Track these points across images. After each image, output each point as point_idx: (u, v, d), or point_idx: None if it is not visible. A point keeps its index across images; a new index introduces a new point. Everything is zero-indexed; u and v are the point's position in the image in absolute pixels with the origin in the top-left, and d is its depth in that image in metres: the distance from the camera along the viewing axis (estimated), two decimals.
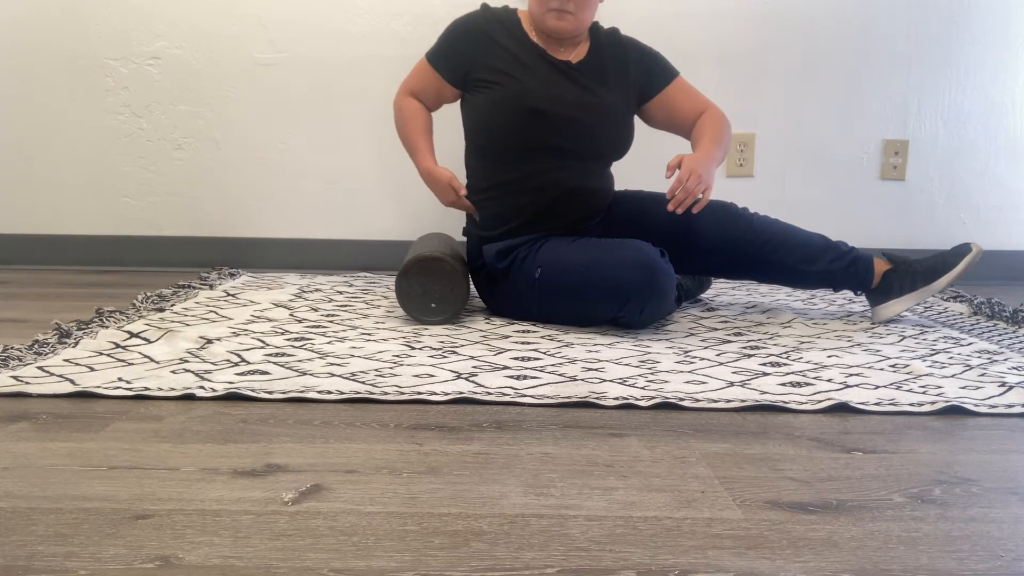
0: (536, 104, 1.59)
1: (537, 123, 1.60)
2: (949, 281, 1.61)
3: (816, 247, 1.66)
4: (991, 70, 2.37)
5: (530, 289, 1.61)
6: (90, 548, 0.69)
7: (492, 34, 1.65)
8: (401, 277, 1.60)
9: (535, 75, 1.62)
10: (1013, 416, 1.11)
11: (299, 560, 0.68)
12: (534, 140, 1.61)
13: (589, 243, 1.61)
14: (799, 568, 0.68)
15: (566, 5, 1.57)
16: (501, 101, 1.62)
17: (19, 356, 1.29)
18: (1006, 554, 0.72)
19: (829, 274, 1.66)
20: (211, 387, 1.15)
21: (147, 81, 2.35)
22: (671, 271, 1.53)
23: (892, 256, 1.69)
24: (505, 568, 0.67)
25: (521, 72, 1.62)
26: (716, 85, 2.36)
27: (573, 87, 1.63)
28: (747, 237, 1.64)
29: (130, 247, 2.42)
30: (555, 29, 1.61)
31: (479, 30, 1.66)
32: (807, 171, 2.41)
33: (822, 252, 1.66)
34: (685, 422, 1.06)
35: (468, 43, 1.66)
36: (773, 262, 1.66)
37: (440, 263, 1.59)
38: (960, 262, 1.61)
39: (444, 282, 1.60)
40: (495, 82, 1.63)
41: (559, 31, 1.61)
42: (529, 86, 1.61)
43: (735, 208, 1.69)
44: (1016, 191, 2.44)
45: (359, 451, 0.94)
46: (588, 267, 1.54)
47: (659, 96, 1.73)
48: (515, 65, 1.63)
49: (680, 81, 1.74)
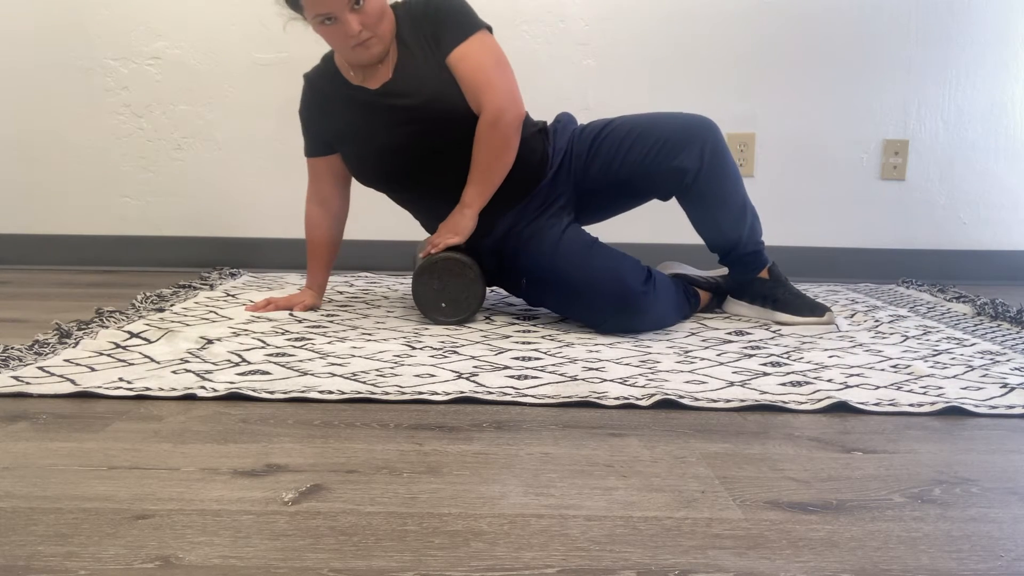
0: (380, 165, 1.61)
1: (395, 169, 1.61)
2: (787, 322, 1.67)
3: (747, 216, 1.68)
4: (991, 70, 2.37)
5: (518, 288, 1.68)
6: (90, 548, 0.69)
7: (323, 105, 1.66)
8: (423, 272, 1.59)
9: (367, 131, 1.60)
10: (1014, 417, 1.10)
11: (299, 560, 0.68)
12: (408, 179, 1.63)
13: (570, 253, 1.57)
14: (799, 568, 0.68)
15: (361, 36, 1.50)
16: (355, 171, 1.68)
17: (19, 356, 1.29)
18: (1006, 554, 0.71)
19: (735, 244, 1.69)
20: (212, 387, 1.15)
21: (147, 81, 2.35)
22: (651, 298, 1.55)
23: (774, 272, 1.74)
24: (505, 568, 0.67)
25: (353, 136, 1.62)
26: (716, 85, 2.37)
27: (399, 112, 1.56)
28: (711, 149, 1.61)
29: (130, 247, 2.42)
30: (371, 59, 1.55)
31: (314, 106, 1.67)
32: (807, 171, 2.41)
33: (748, 224, 1.68)
34: (685, 422, 1.06)
35: (313, 122, 1.68)
36: (715, 197, 1.65)
37: (466, 269, 1.58)
38: (807, 316, 1.66)
39: (462, 288, 1.60)
40: (343, 152, 1.66)
41: (374, 58, 1.55)
42: (366, 150, 1.61)
43: (710, 121, 1.65)
44: (1016, 191, 2.44)
45: (359, 451, 0.94)
46: (567, 294, 1.58)
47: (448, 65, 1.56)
48: (349, 130, 1.62)
49: (464, 48, 1.54)
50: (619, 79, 2.35)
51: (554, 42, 2.34)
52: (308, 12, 1.50)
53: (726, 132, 2.37)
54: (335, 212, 1.76)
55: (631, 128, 1.65)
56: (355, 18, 1.47)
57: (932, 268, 2.40)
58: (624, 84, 2.36)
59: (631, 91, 2.36)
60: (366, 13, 1.48)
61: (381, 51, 1.55)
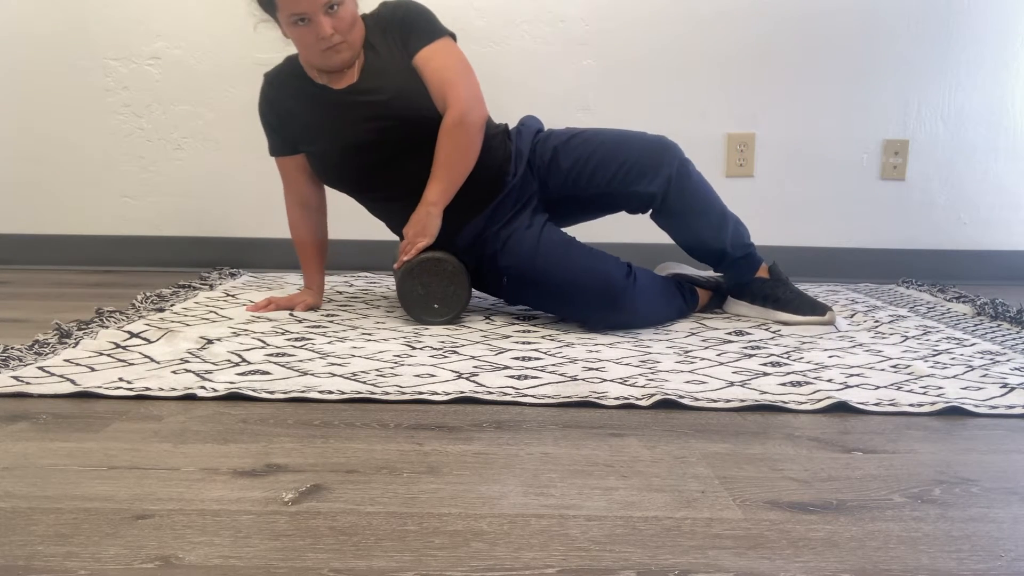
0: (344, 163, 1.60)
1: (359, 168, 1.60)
2: (788, 321, 1.67)
3: (728, 228, 1.67)
4: (991, 70, 2.37)
5: (500, 288, 1.68)
6: (90, 548, 0.69)
7: (286, 103, 1.65)
8: (404, 277, 1.60)
9: (331, 129, 1.59)
10: (1014, 417, 1.10)
11: (299, 560, 0.68)
12: (373, 179, 1.62)
13: (550, 252, 1.58)
14: (799, 568, 0.68)
15: (333, 39, 1.50)
16: (319, 171, 1.67)
17: (19, 356, 1.29)
18: (1006, 554, 0.71)
19: (722, 254, 1.69)
20: (212, 387, 1.15)
21: (147, 81, 2.35)
22: (633, 292, 1.56)
23: (774, 271, 1.73)
24: (505, 568, 0.67)
25: (317, 135, 1.61)
26: (716, 85, 2.37)
27: (363, 108, 1.57)
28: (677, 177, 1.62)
29: (130, 247, 2.42)
30: (339, 64, 1.56)
31: (276, 103, 1.66)
32: (807, 171, 2.41)
33: (730, 234, 1.67)
34: (685, 422, 1.06)
35: (275, 118, 1.67)
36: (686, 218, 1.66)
37: (444, 264, 1.59)
38: (808, 316, 1.66)
39: (447, 283, 1.60)
40: (307, 152, 1.66)
41: (342, 64, 1.56)
42: (331, 148, 1.60)
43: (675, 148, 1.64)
44: (1016, 191, 2.44)
45: (359, 451, 0.94)
46: (551, 292, 1.59)
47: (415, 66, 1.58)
48: (313, 129, 1.61)
49: (430, 50, 1.57)
50: (619, 79, 2.35)
51: (554, 42, 2.34)
52: (282, 12, 1.50)
53: (726, 132, 2.40)
54: (315, 209, 1.76)
55: (595, 149, 1.64)
56: (328, 21, 1.49)
57: (932, 268, 2.40)
58: (624, 84, 2.36)
59: (631, 91, 2.36)
60: (340, 18, 1.51)
61: (350, 57, 1.57)
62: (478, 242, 1.63)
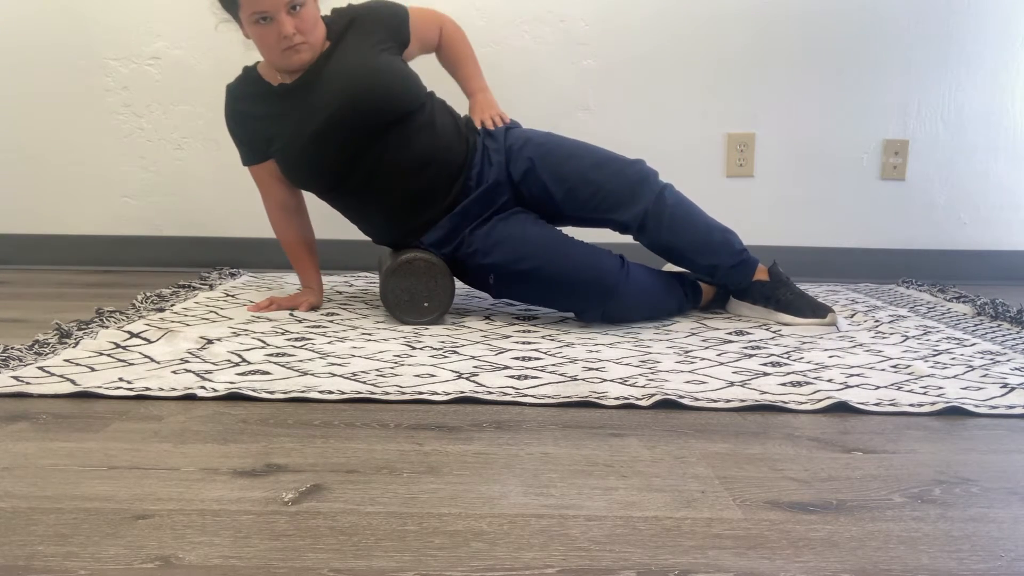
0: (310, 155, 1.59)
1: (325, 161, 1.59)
2: (789, 323, 1.67)
3: (714, 243, 1.66)
4: (991, 70, 2.37)
5: (486, 286, 1.67)
6: (90, 548, 0.69)
7: (248, 110, 1.66)
8: (384, 289, 1.61)
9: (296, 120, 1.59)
10: (1014, 417, 1.10)
11: (299, 560, 0.68)
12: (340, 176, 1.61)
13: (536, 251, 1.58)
14: (799, 568, 0.68)
15: (295, 39, 1.53)
16: (286, 169, 1.66)
17: (19, 356, 1.29)
18: (1006, 554, 0.71)
19: (714, 268, 1.69)
20: (212, 387, 1.15)
21: (147, 81, 2.35)
22: (627, 282, 1.57)
23: (774, 272, 1.73)
24: (505, 568, 0.67)
25: (281, 131, 1.61)
26: (716, 85, 2.37)
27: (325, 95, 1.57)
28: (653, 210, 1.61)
29: (130, 247, 2.42)
30: (299, 64, 1.57)
31: (239, 112, 1.67)
32: (807, 171, 2.41)
33: (717, 248, 1.66)
34: (685, 422, 1.06)
35: (240, 128, 1.69)
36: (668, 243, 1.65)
37: (414, 263, 1.60)
38: (810, 317, 1.66)
39: (426, 279, 1.60)
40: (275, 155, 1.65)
41: (302, 64, 1.58)
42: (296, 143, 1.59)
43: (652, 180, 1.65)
44: (1016, 191, 2.44)
45: (359, 451, 0.94)
46: (545, 285, 1.59)
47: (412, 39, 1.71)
48: (277, 127, 1.62)
49: (413, 13, 1.72)
50: (619, 79, 2.35)
51: (554, 42, 2.34)
52: (244, 11, 1.51)
53: (726, 132, 2.40)
54: (295, 210, 1.77)
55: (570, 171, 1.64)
56: (291, 21, 1.51)
57: (932, 268, 2.40)
58: (624, 84, 2.35)
59: (631, 91, 2.36)
60: (302, 19, 1.53)
61: (310, 58, 1.58)
62: (449, 242, 1.63)
